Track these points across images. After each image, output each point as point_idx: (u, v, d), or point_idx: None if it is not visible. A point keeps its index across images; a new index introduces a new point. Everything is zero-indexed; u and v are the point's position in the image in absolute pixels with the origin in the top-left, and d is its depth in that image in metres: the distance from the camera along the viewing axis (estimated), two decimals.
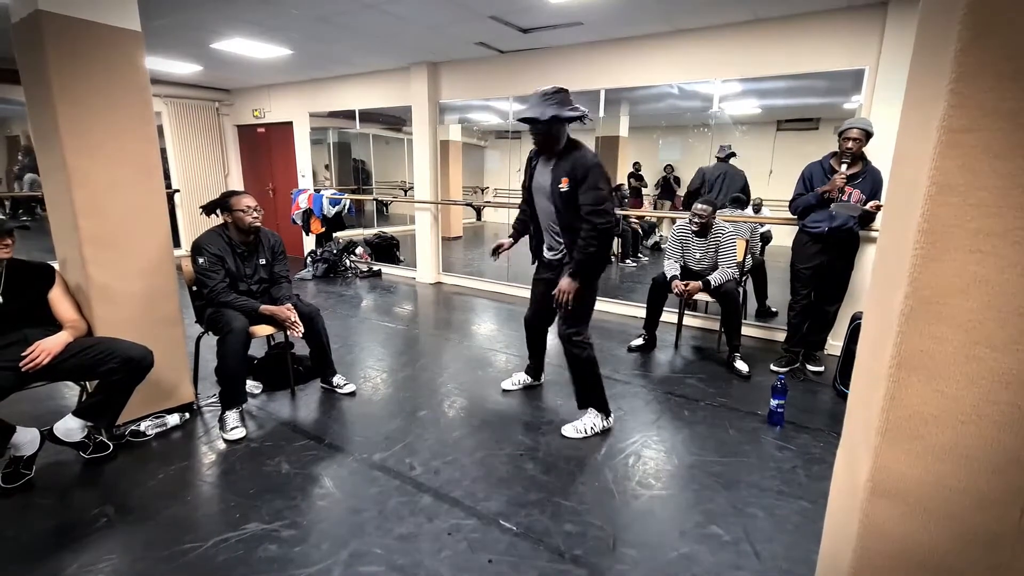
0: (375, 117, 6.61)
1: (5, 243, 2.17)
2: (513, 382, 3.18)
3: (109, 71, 2.37)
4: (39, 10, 2.17)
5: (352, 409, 2.91)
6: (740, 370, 3.42)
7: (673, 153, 6.02)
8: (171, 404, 2.74)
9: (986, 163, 0.83)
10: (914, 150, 0.95)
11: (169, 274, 2.72)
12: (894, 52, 3.37)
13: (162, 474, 2.27)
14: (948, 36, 0.83)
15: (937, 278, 0.90)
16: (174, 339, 2.73)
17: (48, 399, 2.91)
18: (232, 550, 1.82)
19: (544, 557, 1.81)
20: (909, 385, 0.96)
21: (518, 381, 3.18)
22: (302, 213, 6.58)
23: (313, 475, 2.27)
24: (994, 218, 0.85)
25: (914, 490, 0.99)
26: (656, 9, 3.73)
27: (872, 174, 3.14)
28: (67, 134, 2.28)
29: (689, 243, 3.67)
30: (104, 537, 1.88)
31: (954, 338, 0.92)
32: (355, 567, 1.75)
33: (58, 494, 2.13)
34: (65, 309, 2.34)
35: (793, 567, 1.77)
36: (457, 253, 7.20)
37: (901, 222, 0.98)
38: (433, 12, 3.88)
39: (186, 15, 4.00)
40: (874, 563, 1.05)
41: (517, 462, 2.38)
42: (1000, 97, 0.79)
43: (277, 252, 2.93)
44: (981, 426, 0.92)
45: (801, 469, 2.36)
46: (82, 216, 2.35)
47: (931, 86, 0.89)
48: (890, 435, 0.99)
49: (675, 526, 1.98)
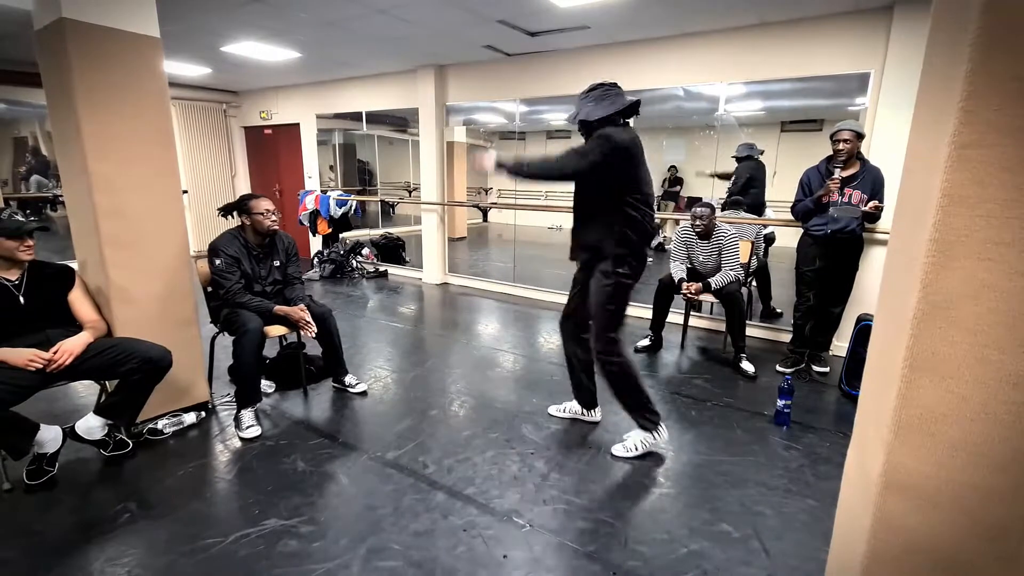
0: (380, 118, 6.66)
1: (27, 244, 2.22)
2: (559, 408, 2.89)
3: (130, 77, 2.42)
4: (63, 17, 2.22)
5: (364, 408, 2.95)
6: (746, 371, 3.46)
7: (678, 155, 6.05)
8: (187, 403, 2.79)
9: (995, 176, 0.87)
10: (925, 163, 1.00)
11: (186, 275, 2.76)
12: (900, 56, 3.40)
13: (181, 471, 2.32)
14: (959, 56, 0.87)
15: (948, 284, 0.95)
16: (190, 339, 2.77)
17: (64, 398, 2.96)
18: (253, 545, 1.86)
19: (558, 553, 1.85)
20: (921, 385, 1.01)
21: (565, 409, 2.87)
22: (309, 214, 6.63)
23: (328, 472, 2.32)
24: (1002, 228, 0.89)
25: (925, 485, 1.04)
26: (663, 13, 3.77)
27: (871, 173, 3.17)
28: (89, 139, 2.32)
29: (693, 245, 3.71)
30: (127, 532, 1.92)
31: (964, 341, 0.96)
32: (373, 562, 1.79)
33: (81, 490, 2.18)
34: (85, 310, 2.38)
35: (802, 564, 1.81)
36: (462, 254, 7.25)
37: (912, 231, 1.02)
38: (442, 17, 3.92)
39: (198, 20, 4.05)
40: (887, 555, 1.10)
41: (528, 460, 2.43)
42: (1008, 115, 0.84)
43: (291, 254, 2.97)
44: (989, 424, 0.96)
45: (808, 468, 2.40)
46: (103, 218, 2.40)
47: (942, 103, 0.93)
48: (902, 432, 1.03)
49: (685, 523, 2.02)
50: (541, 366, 3.63)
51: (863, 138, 3.15)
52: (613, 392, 2.47)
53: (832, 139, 3.18)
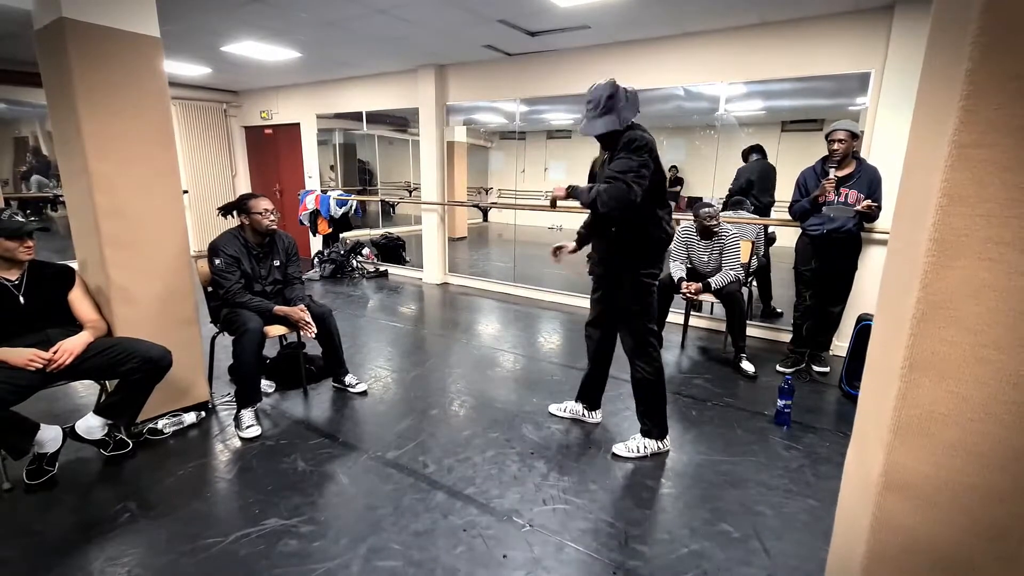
0: (381, 118, 6.66)
1: (27, 245, 2.22)
2: (560, 408, 2.87)
3: (130, 77, 2.42)
4: (63, 17, 2.22)
5: (364, 408, 2.95)
6: (746, 371, 3.45)
7: (678, 154, 6.04)
8: (187, 403, 2.79)
9: (994, 176, 0.87)
10: (925, 162, 1.00)
11: (186, 275, 2.76)
12: (900, 55, 3.40)
13: (181, 471, 2.32)
14: (959, 56, 0.87)
15: (948, 284, 0.95)
16: (190, 339, 2.77)
17: (64, 397, 2.96)
18: (253, 545, 1.86)
19: (558, 553, 1.85)
20: (920, 385, 1.01)
21: (566, 409, 2.85)
22: (309, 214, 6.63)
23: (328, 472, 2.32)
24: (1002, 228, 0.89)
25: (925, 485, 1.04)
26: (663, 13, 3.77)
27: (867, 173, 3.16)
28: (89, 139, 2.32)
29: (694, 244, 3.71)
30: (128, 532, 1.92)
31: (964, 341, 0.96)
32: (373, 562, 1.79)
33: (81, 490, 2.18)
34: (85, 310, 2.38)
35: (802, 563, 1.81)
36: (462, 253, 7.25)
37: (912, 230, 1.02)
38: (442, 16, 3.92)
39: (198, 20, 4.05)
40: (886, 554, 1.09)
41: (528, 460, 2.43)
42: (1008, 114, 0.84)
43: (291, 254, 2.98)
44: (989, 424, 0.96)
45: (808, 468, 2.40)
46: (103, 218, 2.40)
47: (942, 103, 0.93)
48: (902, 432, 1.03)
49: (685, 523, 2.02)
50: (541, 366, 3.62)
51: (859, 137, 3.14)
52: (639, 395, 2.45)
53: (827, 139, 3.17)
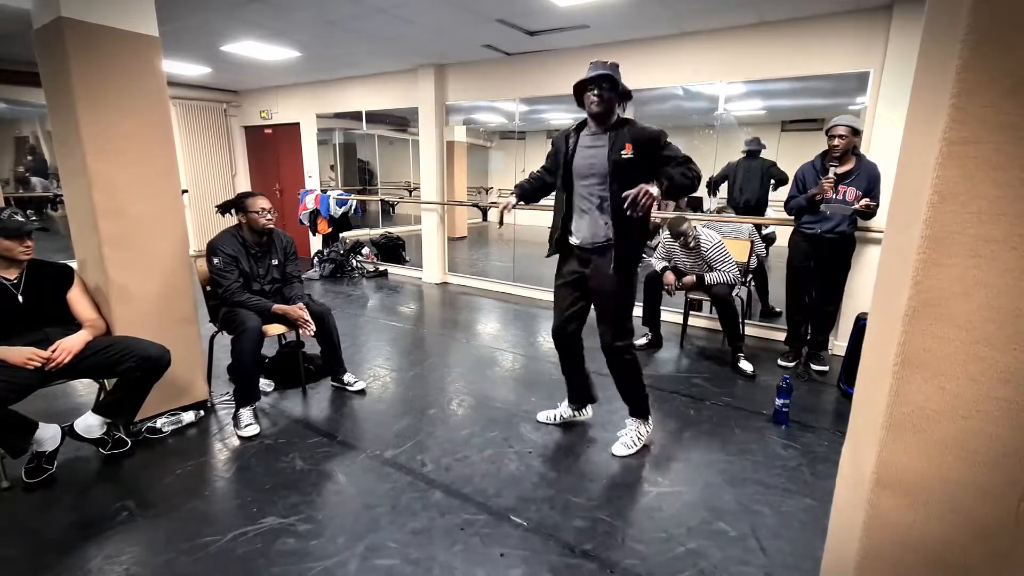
0: (380, 118, 6.66)
1: (26, 244, 2.23)
2: (548, 416, 2.78)
3: (129, 76, 2.43)
4: (61, 16, 2.22)
5: (363, 407, 2.96)
6: (744, 370, 3.45)
7: None
8: (186, 402, 2.79)
9: (985, 173, 0.87)
10: (917, 160, 1.00)
11: (185, 274, 2.77)
12: (899, 55, 3.40)
13: (180, 470, 2.32)
14: (950, 54, 0.87)
15: (939, 281, 0.95)
16: (189, 338, 2.78)
17: (63, 396, 2.97)
18: (251, 543, 1.87)
19: (555, 551, 1.85)
20: (912, 382, 1.01)
21: (553, 416, 2.77)
22: (309, 214, 6.63)
23: (327, 471, 2.32)
24: (993, 225, 0.89)
25: (917, 482, 1.04)
26: (662, 13, 3.78)
27: (867, 170, 3.13)
28: (88, 138, 2.33)
29: (676, 253, 3.71)
30: (126, 530, 1.93)
31: (955, 338, 0.96)
32: (371, 560, 1.79)
33: (79, 489, 2.18)
34: (84, 308, 2.39)
35: (799, 562, 1.81)
36: (462, 253, 7.26)
37: (904, 228, 1.03)
38: (441, 16, 3.93)
39: (198, 19, 4.05)
40: (879, 551, 1.10)
41: (526, 460, 2.43)
42: (999, 112, 0.84)
43: (289, 253, 2.98)
44: (981, 421, 0.96)
45: (806, 467, 2.40)
46: (102, 218, 2.41)
47: (934, 100, 0.93)
48: (894, 429, 1.04)
49: (682, 522, 2.02)
50: (540, 365, 3.63)
51: (859, 133, 3.12)
52: (622, 383, 2.46)
53: (827, 134, 3.14)
